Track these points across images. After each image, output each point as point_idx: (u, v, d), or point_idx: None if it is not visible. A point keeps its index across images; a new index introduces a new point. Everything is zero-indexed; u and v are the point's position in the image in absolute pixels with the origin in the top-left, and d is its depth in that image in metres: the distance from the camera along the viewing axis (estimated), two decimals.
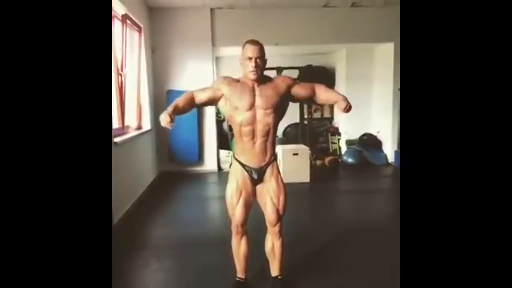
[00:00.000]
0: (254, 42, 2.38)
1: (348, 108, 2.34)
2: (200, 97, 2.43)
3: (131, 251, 3.48)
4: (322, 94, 2.51)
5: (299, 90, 2.50)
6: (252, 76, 2.35)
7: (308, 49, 8.24)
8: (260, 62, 2.35)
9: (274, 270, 2.69)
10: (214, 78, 6.55)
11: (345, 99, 2.36)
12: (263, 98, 2.37)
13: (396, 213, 4.40)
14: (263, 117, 2.38)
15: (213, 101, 2.46)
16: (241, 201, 2.49)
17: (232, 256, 2.70)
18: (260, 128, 2.40)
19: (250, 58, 2.33)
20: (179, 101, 2.36)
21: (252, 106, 2.37)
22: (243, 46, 2.39)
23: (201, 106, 2.56)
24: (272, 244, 2.62)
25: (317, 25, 6.88)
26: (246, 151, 2.47)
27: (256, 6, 6.54)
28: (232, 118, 2.44)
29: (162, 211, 4.90)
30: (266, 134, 2.43)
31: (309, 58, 8.27)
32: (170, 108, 2.25)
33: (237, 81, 2.43)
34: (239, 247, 2.64)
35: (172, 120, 2.20)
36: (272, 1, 6.30)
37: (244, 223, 2.55)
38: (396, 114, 7.07)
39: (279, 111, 2.45)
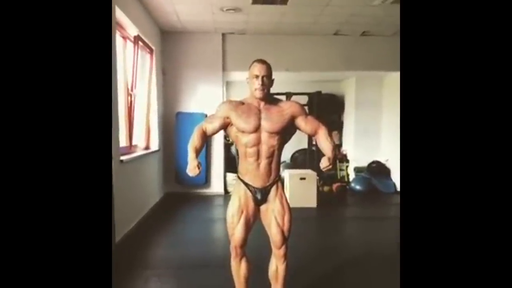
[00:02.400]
0: (261, 61, 2.39)
1: (326, 169, 2.32)
2: (211, 129, 2.43)
3: (132, 269, 3.43)
4: (320, 140, 2.45)
5: (302, 124, 2.45)
6: (258, 94, 2.34)
7: (318, 76, 8.30)
8: (267, 81, 2.35)
9: None
10: None
11: (330, 159, 2.31)
12: (268, 121, 2.35)
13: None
14: (267, 139, 2.37)
15: (223, 128, 2.46)
16: (242, 221, 2.43)
17: (233, 279, 2.64)
18: (265, 149, 2.38)
19: (257, 76, 2.33)
20: (195, 141, 2.35)
21: (257, 129, 2.35)
22: (251, 65, 2.40)
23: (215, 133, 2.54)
24: (276, 267, 2.54)
25: (327, 53, 6.96)
26: (251, 171, 2.43)
27: (267, 32, 6.65)
28: (237, 139, 2.43)
29: (166, 231, 4.86)
30: (271, 155, 2.41)
31: (319, 85, 8.32)
32: (192, 155, 2.28)
33: (242, 103, 2.43)
34: (239, 270, 2.56)
35: (199, 166, 2.25)
36: (283, 28, 6.40)
37: (243, 245, 2.49)
38: None
39: (284, 134, 2.44)
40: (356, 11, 5.52)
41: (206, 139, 2.44)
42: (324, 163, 2.31)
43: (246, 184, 2.46)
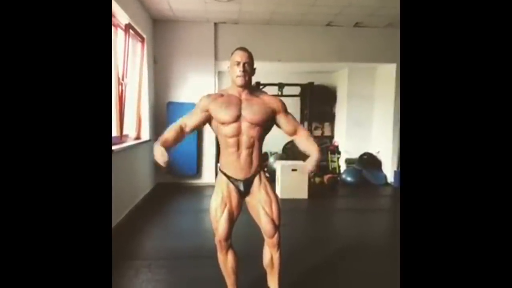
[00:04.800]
0: (243, 48, 2.39)
1: (311, 170, 2.32)
2: (190, 125, 2.40)
3: (123, 260, 3.41)
4: (302, 142, 2.45)
5: (282, 122, 2.45)
6: (239, 81, 2.32)
7: (310, 67, 8.29)
8: (249, 68, 2.34)
9: (273, 282, 2.61)
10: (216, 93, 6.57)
11: (317, 161, 2.31)
12: (249, 112, 2.34)
13: (393, 233, 4.35)
14: (248, 130, 2.35)
15: (204, 123, 2.45)
16: (225, 214, 2.42)
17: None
18: (245, 140, 2.36)
19: (238, 63, 2.32)
20: (166, 134, 2.34)
21: (237, 119, 2.34)
22: (232, 53, 2.39)
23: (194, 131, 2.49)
24: (271, 256, 2.54)
25: (320, 43, 6.92)
26: (231, 163, 2.42)
27: (260, 22, 6.59)
28: (218, 130, 2.41)
29: (157, 222, 4.84)
30: (251, 146, 2.39)
31: (311, 76, 8.31)
32: (157, 143, 2.26)
33: (221, 95, 2.41)
34: (226, 263, 2.56)
35: (167, 159, 2.21)
36: (276, 18, 6.35)
37: (227, 238, 2.47)
38: (396, 134, 7.05)
39: (264, 125, 2.42)
40: (349, 1, 5.48)
41: (183, 136, 2.41)
42: (311, 165, 2.30)
43: (228, 177, 2.45)
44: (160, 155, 2.21)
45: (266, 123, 2.42)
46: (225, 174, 2.46)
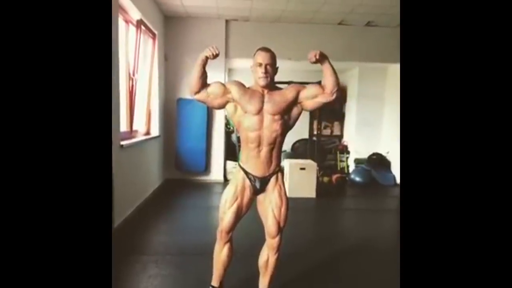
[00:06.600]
0: (265, 49, 2.39)
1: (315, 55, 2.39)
2: (207, 89, 2.41)
3: (130, 255, 3.43)
4: (324, 79, 2.46)
5: (309, 90, 2.41)
6: (262, 82, 2.33)
7: (320, 66, 8.24)
8: (271, 69, 2.35)
9: (263, 284, 2.62)
10: None
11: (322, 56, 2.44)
12: (271, 103, 2.35)
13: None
14: (270, 123, 2.35)
15: (216, 97, 2.41)
16: (234, 207, 2.44)
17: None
18: (267, 135, 2.36)
19: (260, 64, 2.33)
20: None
21: (260, 111, 2.34)
22: (255, 53, 2.39)
23: (203, 99, 2.43)
24: (267, 258, 2.55)
25: (331, 42, 6.88)
26: (251, 159, 2.43)
27: (271, 19, 6.58)
28: (240, 124, 2.42)
29: (165, 217, 4.87)
30: (273, 142, 2.39)
31: (321, 75, 8.27)
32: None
33: (247, 88, 2.43)
34: (220, 254, 2.56)
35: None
36: (288, 16, 6.33)
37: (230, 230, 2.49)
38: None
39: (287, 119, 2.41)
40: (361, 0, 5.45)
41: (203, 84, 2.42)
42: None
43: (246, 173, 2.46)
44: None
45: (290, 114, 2.42)
46: (244, 170, 2.47)
